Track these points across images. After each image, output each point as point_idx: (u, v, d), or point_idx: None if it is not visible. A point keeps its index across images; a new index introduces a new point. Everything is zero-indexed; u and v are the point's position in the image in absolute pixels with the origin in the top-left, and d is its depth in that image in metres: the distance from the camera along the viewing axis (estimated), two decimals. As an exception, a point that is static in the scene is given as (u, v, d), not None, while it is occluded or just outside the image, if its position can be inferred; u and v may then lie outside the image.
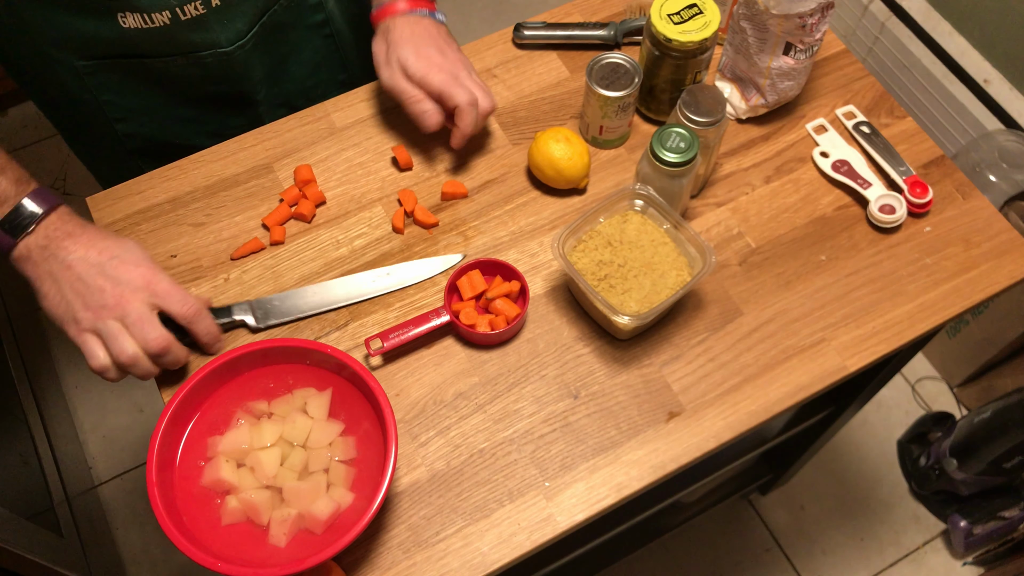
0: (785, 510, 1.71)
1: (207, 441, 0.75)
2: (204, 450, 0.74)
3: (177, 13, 0.86)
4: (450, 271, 0.89)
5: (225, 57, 0.93)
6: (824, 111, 0.99)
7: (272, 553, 0.71)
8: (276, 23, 0.97)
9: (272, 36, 0.98)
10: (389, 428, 0.71)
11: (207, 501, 0.73)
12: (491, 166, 0.96)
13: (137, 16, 0.84)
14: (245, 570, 0.67)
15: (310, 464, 0.74)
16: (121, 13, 0.84)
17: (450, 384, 0.83)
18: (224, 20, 0.90)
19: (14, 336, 1.75)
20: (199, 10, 0.87)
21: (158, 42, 0.89)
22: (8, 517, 1.24)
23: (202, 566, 0.67)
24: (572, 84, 1.01)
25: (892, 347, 0.85)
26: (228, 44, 0.92)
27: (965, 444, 1.59)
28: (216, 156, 0.96)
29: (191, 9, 0.86)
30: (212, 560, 0.67)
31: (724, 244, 0.91)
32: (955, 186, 0.94)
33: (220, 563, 0.67)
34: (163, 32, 0.87)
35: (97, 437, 1.79)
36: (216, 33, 0.90)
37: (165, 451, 0.72)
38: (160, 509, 0.69)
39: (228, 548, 0.71)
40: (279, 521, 0.71)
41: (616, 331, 0.84)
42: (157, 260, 0.89)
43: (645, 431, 0.81)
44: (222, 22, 0.90)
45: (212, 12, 0.88)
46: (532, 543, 0.76)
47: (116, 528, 1.69)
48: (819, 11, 0.84)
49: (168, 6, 0.85)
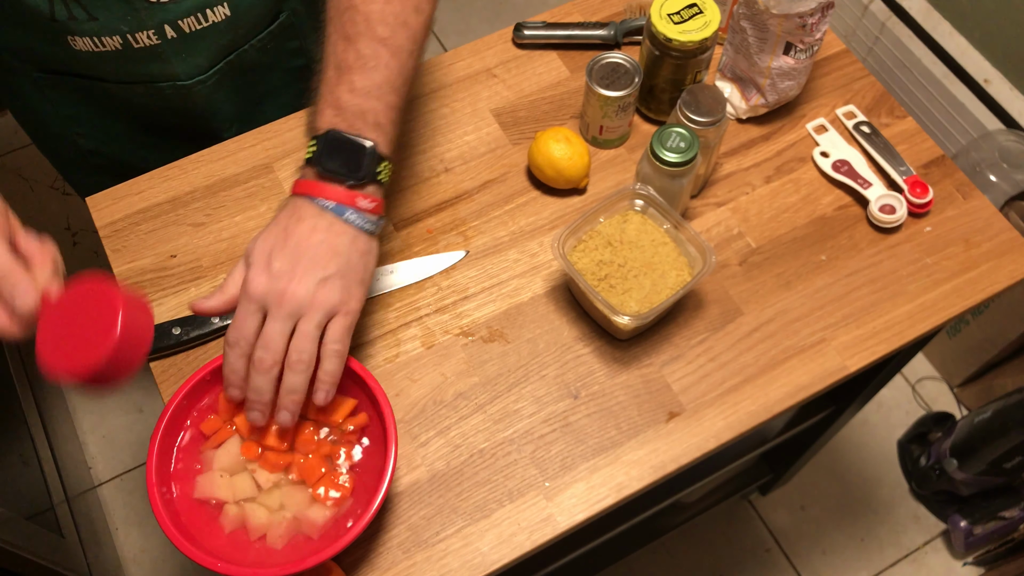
0: (785, 510, 1.71)
1: (201, 450, 0.75)
2: (200, 454, 0.74)
3: (129, 40, 0.83)
4: (450, 269, 0.89)
5: (185, 91, 0.90)
6: (824, 111, 0.99)
7: (271, 554, 0.71)
8: (247, 63, 0.94)
9: (244, 76, 0.95)
10: (389, 428, 0.71)
11: (206, 502, 0.73)
12: (491, 166, 0.96)
13: (87, 40, 0.82)
14: (245, 570, 0.67)
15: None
16: (70, 36, 0.81)
17: (450, 384, 0.83)
18: (182, 54, 0.87)
19: (14, 336, 1.74)
20: (152, 40, 0.84)
21: (113, 68, 0.86)
22: (8, 517, 1.24)
23: (202, 566, 0.67)
24: (572, 84, 1.01)
25: (892, 347, 0.85)
26: (187, 78, 0.89)
27: (965, 444, 1.59)
28: (216, 156, 0.96)
29: (144, 38, 0.83)
30: (212, 560, 0.67)
31: (724, 244, 0.91)
32: (955, 186, 0.94)
33: (220, 563, 0.67)
34: (117, 57, 0.85)
35: (97, 437, 1.79)
36: (174, 65, 0.87)
37: (164, 451, 0.72)
38: (160, 509, 0.69)
39: (228, 547, 0.70)
40: (277, 523, 0.71)
41: (616, 331, 0.84)
42: (157, 260, 0.89)
43: (645, 431, 0.81)
44: (180, 55, 0.87)
45: (168, 44, 0.85)
46: (532, 543, 0.76)
47: (116, 528, 1.69)
48: (819, 11, 0.84)
49: (119, 32, 0.82)
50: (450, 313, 0.87)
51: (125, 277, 0.89)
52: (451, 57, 1.03)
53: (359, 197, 0.68)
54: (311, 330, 0.67)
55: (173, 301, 0.87)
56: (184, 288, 0.88)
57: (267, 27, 0.94)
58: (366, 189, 0.69)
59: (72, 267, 2.20)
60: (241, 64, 0.94)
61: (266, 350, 0.66)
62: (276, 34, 0.96)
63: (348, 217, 0.68)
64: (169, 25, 0.84)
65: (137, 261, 0.89)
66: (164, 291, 0.88)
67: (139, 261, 0.89)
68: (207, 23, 0.86)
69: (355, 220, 0.68)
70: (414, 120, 0.99)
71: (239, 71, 0.94)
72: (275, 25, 0.95)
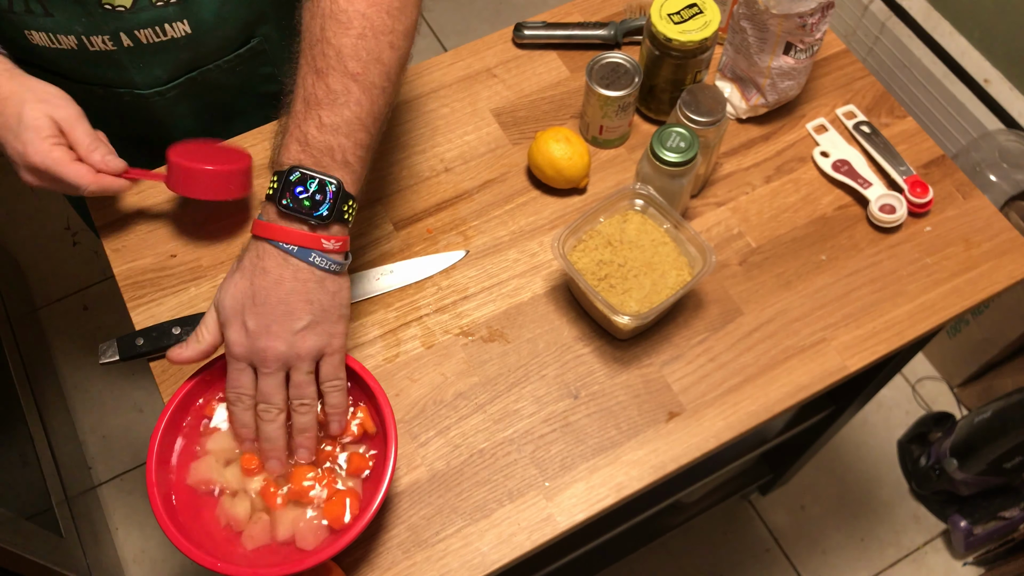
0: (785, 510, 1.71)
1: (199, 439, 0.75)
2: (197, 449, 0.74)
3: (84, 42, 0.82)
4: (450, 269, 0.89)
5: (143, 100, 0.90)
6: (824, 111, 0.99)
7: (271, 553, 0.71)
8: (212, 82, 0.93)
9: (208, 94, 0.94)
10: (389, 428, 0.71)
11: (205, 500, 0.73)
12: (491, 166, 0.96)
13: (43, 35, 0.82)
14: (244, 570, 0.67)
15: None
16: (27, 30, 0.81)
17: (450, 384, 0.83)
18: (139, 63, 0.86)
19: (14, 336, 1.75)
20: (108, 45, 0.83)
21: (71, 66, 0.86)
22: (8, 517, 1.24)
23: (202, 566, 0.67)
24: (572, 84, 1.01)
25: (892, 347, 0.85)
26: (145, 88, 0.89)
27: (965, 444, 1.59)
28: (216, 156, 0.96)
29: (99, 42, 0.83)
30: (211, 559, 0.67)
31: (724, 244, 0.91)
32: (955, 186, 0.94)
33: (220, 563, 0.67)
34: (73, 57, 0.84)
35: (96, 437, 1.79)
36: (131, 73, 0.87)
37: (164, 450, 0.72)
38: (159, 509, 0.69)
39: (226, 546, 0.70)
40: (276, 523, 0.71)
41: (616, 331, 0.84)
42: (157, 260, 0.89)
43: (645, 431, 0.81)
44: (136, 64, 0.86)
45: (124, 51, 0.84)
46: (532, 543, 0.76)
47: (116, 528, 1.69)
48: (819, 11, 0.84)
49: (74, 32, 0.81)
50: (450, 313, 0.87)
51: (125, 277, 0.89)
52: (451, 57, 1.03)
53: (323, 238, 0.66)
54: (303, 378, 0.68)
55: (173, 301, 0.87)
56: (184, 288, 0.88)
57: (235, 50, 0.92)
58: (331, 229, 0.67)
59: (72, 267, 2.19)
60: (205, 82, 0.93)
61: (268, 404, 0.68)
62: (246, 58, 0.94)
63: (313, 260, 0.66)
64: (125, 33, 0.83)
65: (137, 261, 0.89)
66: (164, 291, 0.88)
67: (139, 261, 0.89)
68: (165, 37, 0.85)
69: (320, 263, 0.66)
70: (414, 120, 0.99)
71: (203, 88, 0.93)
72: (244, 49, 0.93)
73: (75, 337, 1.90)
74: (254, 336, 0.66)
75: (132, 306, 0.87)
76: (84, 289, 1.94)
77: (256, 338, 0.66)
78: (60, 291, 1.94)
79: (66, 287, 1.94)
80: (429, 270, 0.89)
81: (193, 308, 0.87)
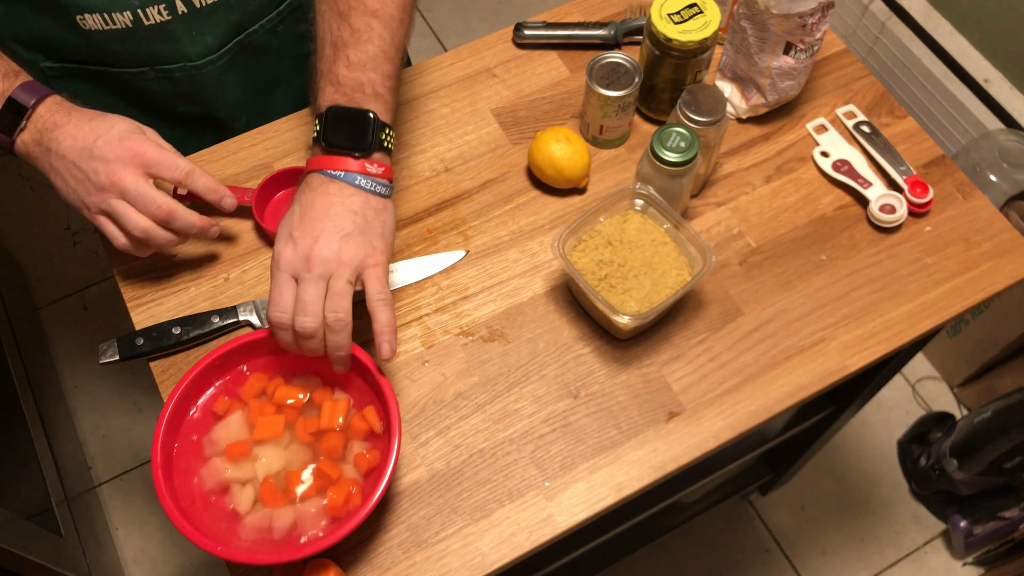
0: (785, 510, 1.71)
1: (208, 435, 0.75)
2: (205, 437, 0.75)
3: (139, 16, 0.83)
4: (450, 269, 0.89)
5: (196, 72, 0.90)
6: (824, 111, 0.99)
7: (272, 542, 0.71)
8: (257, 45, 0.95)
9: (253, 60, 0.95)
10: (393, 417, 0.72)
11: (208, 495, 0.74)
12: (491, 166, 0.96)
13: (97, 17, 0.82)
14: (244, 555, 0.68)
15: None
16: (80, 15, 0.82)
17: (450, 384, 0.83)
18: (192, 32, 0.87)
19: (14, 336, 1.75)
20: (163, 16, 0.84)
21: (123, 50, 0.86)
22: (8, 517, 1.24)
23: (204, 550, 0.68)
24: (572, 84, 1.01)
25: (892, 347, 0.85)
26: (198, 58, 0.89)
27: (965, 444, 1.59)
28: (216, 156, 0.96)
29: (154, 14, 0.83)
30: (212, 544, 0.68)
31: (724, 244, 0.91)
32: (955, 186, 0.94)
33: (220, 547, 0.68)
34: (127, 36, 0.85)
35: (97, 437, 1.79)
36: (184, 44, 0.88)
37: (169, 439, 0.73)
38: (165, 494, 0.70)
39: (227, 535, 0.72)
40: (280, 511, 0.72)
41: (616, 331, 0.84)
42: (157, 260, 0.89)
43: (645, 431, 0.81)
44: (190, 33, 0.87)
45: (178, 20, 0.85)
46: (532, 543, 0.76)
47: (116, 528, 1.69)
48: (819, 11, 0.84)
49: (129, 7, 0.82)
50: (450, 313, 0.87)
51: (125, 277, 0.89)
52: (451, 57, 1.03)
53: (367, 163, 0.72)
54: (342, 287, 0.70)
55: (173, 301, 0.87)
56: (184, 288, 0.88)
57: (276, 7, 0.94)
58: (373, 156, 0.73)
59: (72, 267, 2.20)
60: (251, 45, 0.94)
61: (305, 315, 0.69)
62: (286, 15, 0.96)
63: (359, 183, 0.72)
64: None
65: (137, 261, 0.89)
66: (164, 291, 0.88)
67: (139, 261, 0.89)
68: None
69: (366, 184, 0.72)
70: (414, 120, 0.99)
71: (250, 53, 0.95)
72: (284, 5, 0.95)
73: (75, 337, 1.90)
74: (299, 242, 0.70)
75: (132, 306, 0.87)
76: (84, 289, 1.94)
77: (301, 243, 0.70)
78: (60, 291, 1.94)
79: (66, 287, 1.94)
80: (429, 270, 0.89)
81: (193, 308, 0.87)
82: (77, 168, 0.75)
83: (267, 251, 0.90)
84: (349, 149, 0.72)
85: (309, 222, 0.70)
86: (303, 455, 0.75)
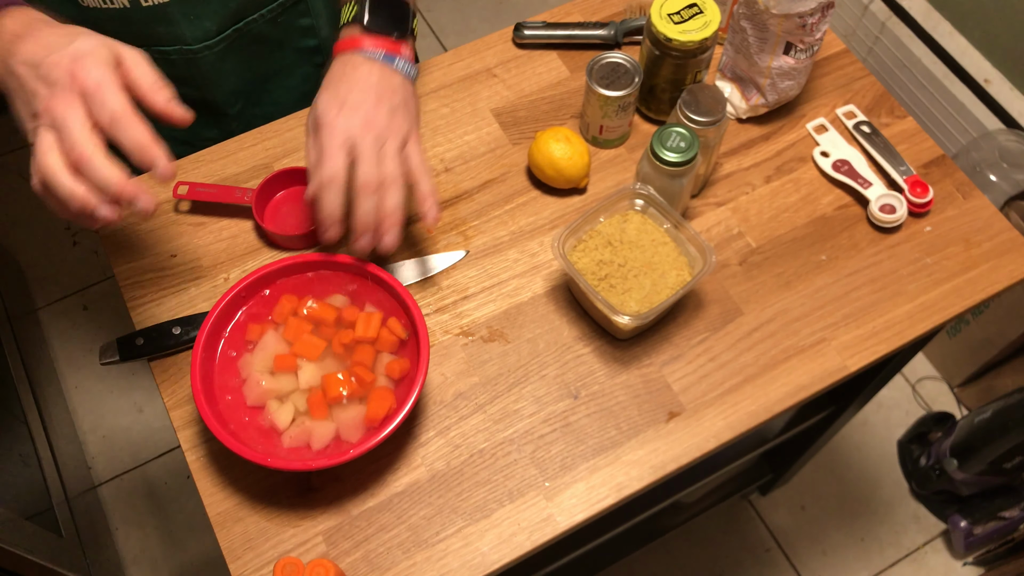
0: (785, 510, 1.71)
1: (244, 357, 0.78)
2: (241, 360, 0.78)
3: None
4: (450, 269, 0.89)
5: (192, 56, 0.90)
6: (824, 111, 0.99)
7: (304, 451, 0.75)
8: (256, 34, 0.94)
9: (251, 48, 0.95)
10: (418, 323, 0.76)
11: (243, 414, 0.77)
12: (491, 166, 0.96)
13: None
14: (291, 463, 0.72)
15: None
16: None
17: (450, 384, 0.83)
18: (190, 16, 0.87)
19: (14, 336, 1.75)
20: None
21: (120, 29, 0.84)
22: (8, 517, 1.24)
23: (253, 462, 0.72)
24: (572, 84, 1.01)
25: (892, 347, 0.85)
26: (195, 42, 0.89)
27: (965, 444, 1.59)
28: (216, 156, 0.96)
29: None
30: (261, 456, 0.71)
31: (724, 244, 0.91)
32: (955, 186, 0.94)
33: (269, 458, 0.72)
34: (124, 17, 0.84)
35: (97, 437, 1.79)
36: (181, 27, 0.88)
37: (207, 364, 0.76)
38: (210, 417, 0.73)
39: (261, 443, 0.75)
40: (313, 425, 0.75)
41: (616, 331, 0.84)
42: (157, 260, 0.89)
43: (645, 431, 0.81)
44: (188, 17, 0.87)
45: (175, 3, 0.85)
46: (532, 543, 0.76)
47: (116, 528, 1.69)
48: (819, 11, 0.84)
49: None
50: (450, 313, 0.87)
51: (125, 277, 0.89)
52: (451, 57, 1.03)
53: (403, 46, 0.77)
54: (395, 152, 0.74)
55: (173, 301, 0.87)
56: (184, 288, 0.88)
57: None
58: (407, 41, 0.78)
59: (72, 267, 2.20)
60: (250, 34, 0.94)
61: (369, 172, 0.72)
62: (287, 7, 0.95)
63: (397, 65, 0.76)
64: None
65: (137, 261, 0.89)
66: (164, 291, 0.88)
67: (139, 261, 0.89)
68: None
69: (402, 68, 0.77)
70: (414, 120, 0.99)
71: (248, 41, 0.94)
72: None
73: (75, 337, 1.90)
74: (355, 109, 0.73)
75: (132, 306, 0.87)
76: (84, 289, 1.94)
77: (356, 110, 0.73)
78: (60, 291, 1.94)
79: (66, 287, 1.95)
80: (429, 270, 0.89)
81: (193, 308, 0.87)
82: (23, 89, 0.64)
83: (267, 251, 0.90)
84: (389, 30, 0.76)
85: (360, 92, 0.73)
86: (337, 368, 0.78)
